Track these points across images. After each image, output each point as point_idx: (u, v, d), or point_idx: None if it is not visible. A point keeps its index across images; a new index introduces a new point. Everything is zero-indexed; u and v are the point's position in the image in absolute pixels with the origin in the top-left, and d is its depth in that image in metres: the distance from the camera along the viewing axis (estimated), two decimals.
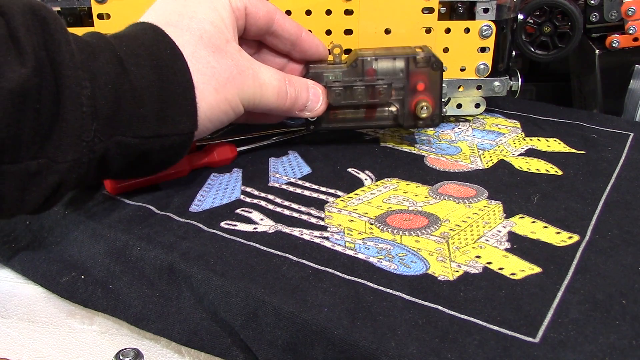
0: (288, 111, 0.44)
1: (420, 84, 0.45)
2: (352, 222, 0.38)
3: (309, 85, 0.44)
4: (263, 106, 0.42)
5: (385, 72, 0.45)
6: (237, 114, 0.40)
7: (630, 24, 0.59)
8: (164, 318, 0.33)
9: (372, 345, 0.27)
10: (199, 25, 0.38)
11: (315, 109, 0.44)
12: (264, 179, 0.44)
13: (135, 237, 0.36)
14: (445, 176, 0.44)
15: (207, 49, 0.38)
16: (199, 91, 0.37)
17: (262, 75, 0.41)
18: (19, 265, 0.38)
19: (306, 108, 0.44)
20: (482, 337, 0.28)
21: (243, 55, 0.40)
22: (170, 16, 0.38)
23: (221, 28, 0.39)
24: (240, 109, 0.40)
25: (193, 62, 0.37)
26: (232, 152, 0.46)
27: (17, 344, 0.34)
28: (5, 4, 0.31)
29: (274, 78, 0.42)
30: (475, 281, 0.32)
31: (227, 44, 0.39)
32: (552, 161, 0.46)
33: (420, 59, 0.44)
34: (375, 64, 0.44)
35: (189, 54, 0.37)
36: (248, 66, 0.40)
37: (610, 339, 0.28)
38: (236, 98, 0.39)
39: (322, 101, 0.45)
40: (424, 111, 0.45)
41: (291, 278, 0.32)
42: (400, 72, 0.45)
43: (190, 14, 0.39)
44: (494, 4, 0.50)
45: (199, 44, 0.38)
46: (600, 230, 0.37)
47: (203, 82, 0.37)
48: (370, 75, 0.44)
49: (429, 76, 0.45)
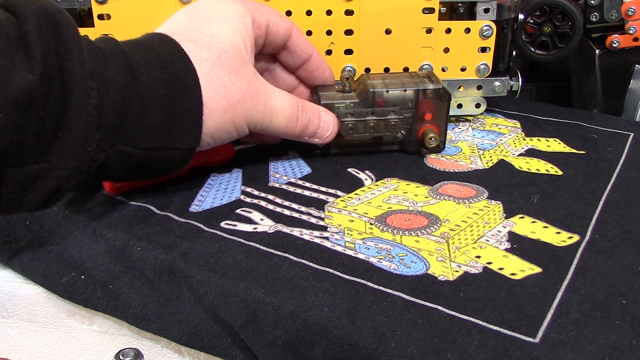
0: (297, 137, 0.43)
1: (428, 114, 0.46)
2: (352, 222, 0.38)
3: (321, 113, 0.44)
4: (272, 130, 0.42)
5: (395, 102, 0.45)
6: (240, 134, 0.40)
7: (630, 24, 0.59)
8: (164, 318, 0.33)
9: (372, 345, 0.27)
10: (218, 45, 0.38)
11: (325, 137, 0.44)
12: (264, 179, 0.44)
13: (135, 237, 0.36)
14: (445, 176, 0.44)
15: (223, 69, 0.38)
16: (208, 109, 0.37)
17: (275, 101, 0.41)
18: (19, 265, 0.38)
19: (316, 135, 0.44)
20: (482, 337, 0.28)
21: (258, 79, 0.40)
22: (192, 32, 0.38)
23: (240, 49, 0.39)
24: (245, 130, 0.40)
25: (207, 80, 0.37)
26: (230, 152, 0.46)
27: (17, 344, 0.34)
28: (20, 4, 0.31)
29: (287, 104, 0.41)
30: (475, 281, 0.32)
31: (243, 66, 0.39)
32: (552, 161, 0.46)
33: (430, 92, 0.45)
34: (386, 95, 0.45)
35: (204, 71, 0.37)
36: (262, 90, 0.40)
37: (610, 339, 0.28)
38: (243, 120, 0.39)
39: (332, 129, 0.44)
40: (432, 142, 0.46)
41: (291, 278, 0.32)
42: (410, 102, 0.45)
43: (212, 32, 0.38)
44: (495, 4, 0.50)
45: (216, 63, 0.37)
46: (600, 230, 0.37)
47: (214, 100, 0.37)
48: (381, 106, 0.45)
49: (437, 106, 0.46)
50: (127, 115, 0.33)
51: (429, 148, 0.46)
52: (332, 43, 0.50)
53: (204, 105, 0.37)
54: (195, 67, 0.36)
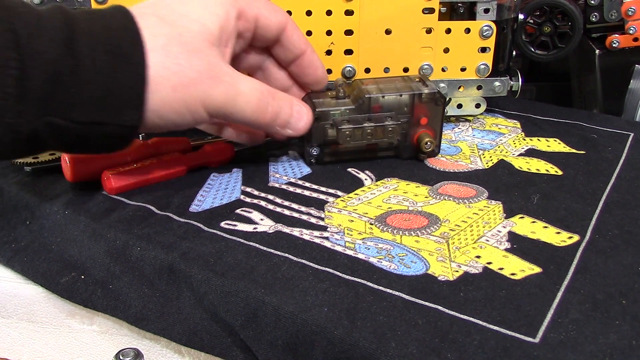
0: (268, 126, 0.41)
1: (424, 119, 0.45)
2: (352, 222, 0.38)
3: (293, 102, 0.42)
4: (238, 117, 0.39)
5: (391, 108, 0.45)
6: (196, 119, 0.38)
7: (630, 24, 0.59)
8: (164, 318, 0.33)
9: (372, 345, 0.27)
10: (185, 23, 0.36)
11: (298, 127, 0.42)
12: (264, 179, 0.44)
13: (135, 237, 0.36)
14: (445, 176, 0.44)
15: (181, 47, 0.36)
16: (154, 84, 0.35)
17: (242, 85, 0.38)
18: (19, 265, 0.38)
19: (288, 125, 0.42)
20: (482, 337, 0.28)
21: (224, 61, 0.38)
22: (162, 9, 0.37)
23: (211, 31, 0.37)
24: (202, 115, 0.37)
25: (159, 55, 0.35)
26: (229, 152, 0.46)
27: (17, 344, 0.34)
28: None
29: (255, 89, 0.39)
30: (475, 281, 0.32)
31: (209, 48, 0.37)
32: (552, 161, 0.46)
33: (425, 96, 0.45)
34: (382, 100, 0.44)
35: (158, 45, 0.35)
36: (225, 73, 0.37)
37: (610, 339, 0.28)
38: (197, 103, 0.37)
39: (306, 120, 0.42)
40: (428, 146, 0.45)
41: (291, 278, 0.32)
42: (405, 107, 0.45)
43: (184, 11, 0.37)
44: (495, 4, 0.50)
45: (175, 39, 0.36)
46: (600, 230, 0.37)
47: (162, 76, 0.35)
48: (376, 111, 0.45)
49: (432, 111, 0.45)
50: (58, 87, 0.32)
51: (425, 152, 0.46)
52: (332, 43, 0.50)
53: (149, 81, 0.34)
54: (149, 40, 0.35)
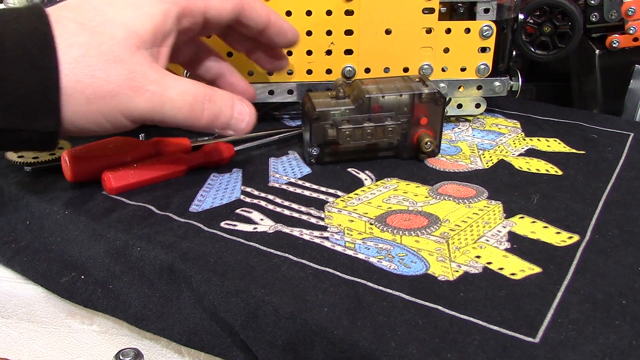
0: (206, 128, 0.39)
1: (424, 119, 0.45)
2: (352, 222, 0.38)
3: (234, 103, 0.40)
4: (170, 122, 0.38)
5: (391, 108, 0.45)
6: (117, 127, 0.37)
7: (630, 24, 0.59)
8: (164, 318, 0.33)
9: (372, 345, 0.27)
10: (108, 30, 0.35)
11: (240, 129, 0.40)
12: (264, 179, 0.44)
13: (135, 237, 0.36)
14: (445, 176, 0.44)
15: (100, 57, 0.34)
16: (66, 96, 0.34)
17: (170, 91, 0.37)
18: (19, 265, 0.38)
19: (229, 126, 0.40)
20: (482, 337, 0.28)
21: (151, 67, 0.36)
22: (86, 12, 0.35)
23: (139, 35, 0.36)
24: (124, 123, 0.37)
25: (72, 67, 0.34)
26: (229, 152, 0.46)
27: (17, 344, 0.34)
28: None
29: (188, 94, 0.37)
30: (475, 281, 0.32)
31: (133, 54, 0.36)
32: (552, 161, 0.46)
33: (425, 96, 0.44)
34: (382, 100, 0.44)
35: (73, 56, 0.34)
36: (150, 81, 0.36)
37: (610, 339, 0.28)
38: (116, 113, 0.36)
39: (248, 120, 0.40)
40: (428, 146, 0.45)
41: (291, 278, 0.32)
42: (405, 107, 0.45)
43: (110, 14, 0.36)
44: (495, 4, 0.50)
45: (93, 50, 0.34)
46: (600, 230, 0.37)
47: (75, 88, 0.34)
48: (376, 111, 0.44)
49: (432, 111, 0.45)
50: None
51: (425, 152, 0.46)
52: (332, 43, 0.50)
53: (61, 92, 0.34)
54: (63, 51, 0.34)
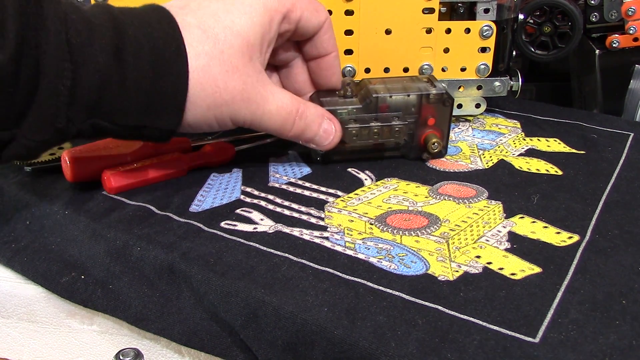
0: (293, 139, 0.42)
1: (431, 119, 0.45)
2: (352, 222, 0.38)
3: (323, 122, 0.42)
4: (264, 129, 0.41)
5: (398, 107, 0.44)
6: (223, 128, 0.39)
7: (630, 24, 0.59)
8: (164, 318, 0.33)
9: (372, 345, 0.27)
10: (227, 39, 0.37)
11: (324, 145, 0.43)
12: (264, 179, 0.44)
13: (135, 237, 0.36)
14: (445, 176, 0.44)
15: (221, 66, 0.36)
16: (191, 103, 0.36)
17: (270, 105, 0.39)
18: (19, 265, 0.38)
19: (313, 141, 0.42)
20: (482, 337, 0.28)
21: (259, 79, 0.39)
22: (206, 18, 0.37)
23: (252, 45, 0.38)
24: (229, 125, 0.39)
25: (198, 76, 0.36)
26: (230, 152, 0.46)
27: (17, 344, 0.34)
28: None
29: (283, 109, 0.40)
30: (475, 281, 0.32)
31: (247, 64, 0.38)
32: (552, 161, 0.46)
33: (433, 96, 0.44)
34: (389, 100, 0.44)
35: (199, 66, 0.36)
36: (258, 92, 0.38)
37: (610, 339, 0.28)
38: (227, 118, 0.38)
39: (332, 139, 0.43)
40: (435, 147, 0.45)
41: (291, 278, 0.32)
42: (412, 107, 0.44)
43: (228, 22, 0.37)
44: (495, 4, 0.50)
45: (216, 59, 0.36)
46: (600, 230, 0.37)
47: (199, 97, 0.36)
48: (383, 111, 0.44)
49: (440, 111, 0.45)
50: (105, 94, 0.33)
51: (431, 153, 0.46)
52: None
53: (187, 98, 0.36)
54: (192, 60, 0.36)
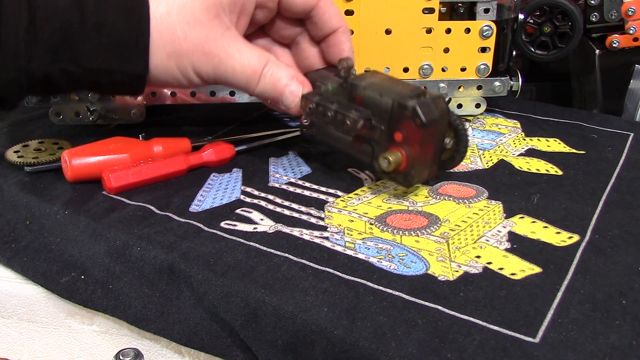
0: (259, 98, 0.42)
1: (398, 134, 0.36)
2: (352, 222, 0.38)
3: (290, 82, 0.41)
4: (230, 86, 0.42)
5: (371, 106, 0.39)
6: (192, 83, 0.40)
7: (630, 24, 0.59)
8: (164, 318, 0.33)
9: (372, 345, 0.27)
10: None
11: (290, 107, 0.41)
12: (264, 179, 0.44)
13: (135, 237, 0.36)
14: (445, 176, 0.44)
15: (181, 16, 0.37)
16: (152, 47, 0.37)
17: (234, 61, 0.39)
18: (19, 265, 0.38)
19: (281, 102, 0.41)
20: (482, 337, 0.28)
21: (224, 35, 0.39)
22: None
23: (220, 2, 0.38)
24: (196, 80, 0.39)
25: (159, 22, 0.37)
26: (230, 152, 0.46)
27: (17, 344, 0.34)
28: None
29: (247, 67, 0.39)
30: (475, 281, 0.32)
31: (212, 19, 0.38)
32: (552, 161, 0.46)
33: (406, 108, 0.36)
34: (363, 92, 0.39)
35: (160, 13, 0.37)
36: (220, 47, 0.39)
37: (610, 339, 0.28)
38: (189, 70, 0.39)
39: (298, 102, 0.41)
40: (384, 163, 0.37)
41: (291, 278, 0.32)
42: (385, 114, 0.38)
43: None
44: (495, 4, 0.50)
45: (176, 9, 0.37)
46: (600, 230, 0.37)
47: (159, 42, 0.37)
48: (357, 103, 0.40)
49: (410, 131, 0.36)
50: (67, 37, 0.35)
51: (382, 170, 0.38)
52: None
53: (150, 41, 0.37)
54: (153, 5, 0.37)
